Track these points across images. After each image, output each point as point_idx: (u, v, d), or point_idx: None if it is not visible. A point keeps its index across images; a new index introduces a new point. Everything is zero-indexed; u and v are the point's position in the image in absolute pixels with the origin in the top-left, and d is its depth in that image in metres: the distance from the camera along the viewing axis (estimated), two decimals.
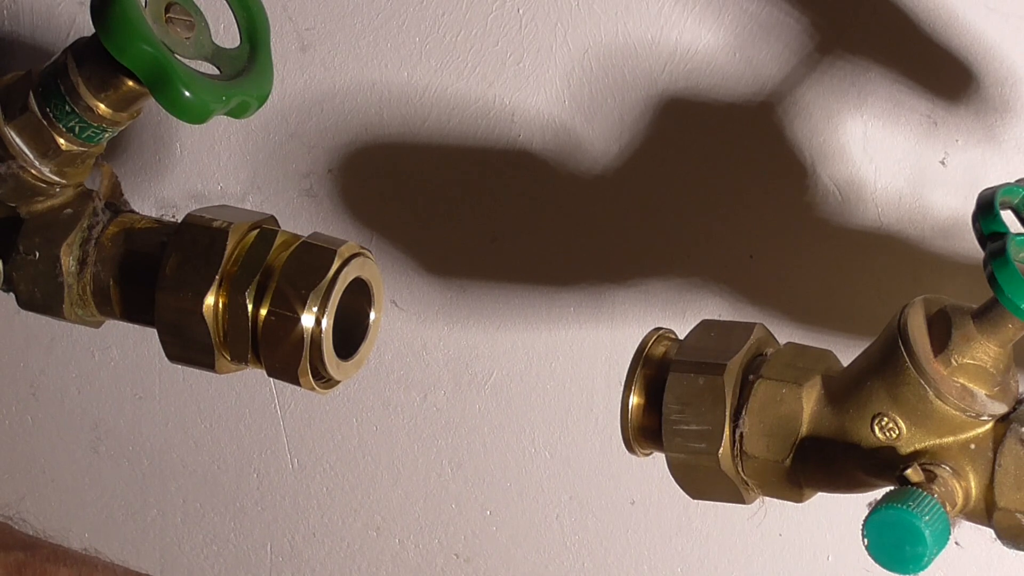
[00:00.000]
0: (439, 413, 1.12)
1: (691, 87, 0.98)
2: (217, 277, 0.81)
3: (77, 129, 0.81)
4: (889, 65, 0.92)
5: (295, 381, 0.82)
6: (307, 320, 0.80)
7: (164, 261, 0.82)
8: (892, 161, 0.94)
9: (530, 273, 1.06)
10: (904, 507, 0.66)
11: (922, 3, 0.90)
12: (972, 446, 0.71)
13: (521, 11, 1.01)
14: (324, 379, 0.83)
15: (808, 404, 0.75)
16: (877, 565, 0.67)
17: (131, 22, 0.75)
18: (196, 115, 0.77)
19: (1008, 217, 0.71)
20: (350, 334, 0.84)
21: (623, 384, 0.78)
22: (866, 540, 0.67)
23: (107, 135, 0.82)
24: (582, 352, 1.06)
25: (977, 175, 0.92)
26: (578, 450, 1.09)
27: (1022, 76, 0.90)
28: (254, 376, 1.16)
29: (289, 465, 1.19)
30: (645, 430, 0.79)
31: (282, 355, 0.81)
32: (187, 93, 0.76)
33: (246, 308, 0.81)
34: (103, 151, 0.85)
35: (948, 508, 0.69)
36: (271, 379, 0.93)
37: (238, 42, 0.82)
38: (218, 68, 0.80)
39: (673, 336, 0.80)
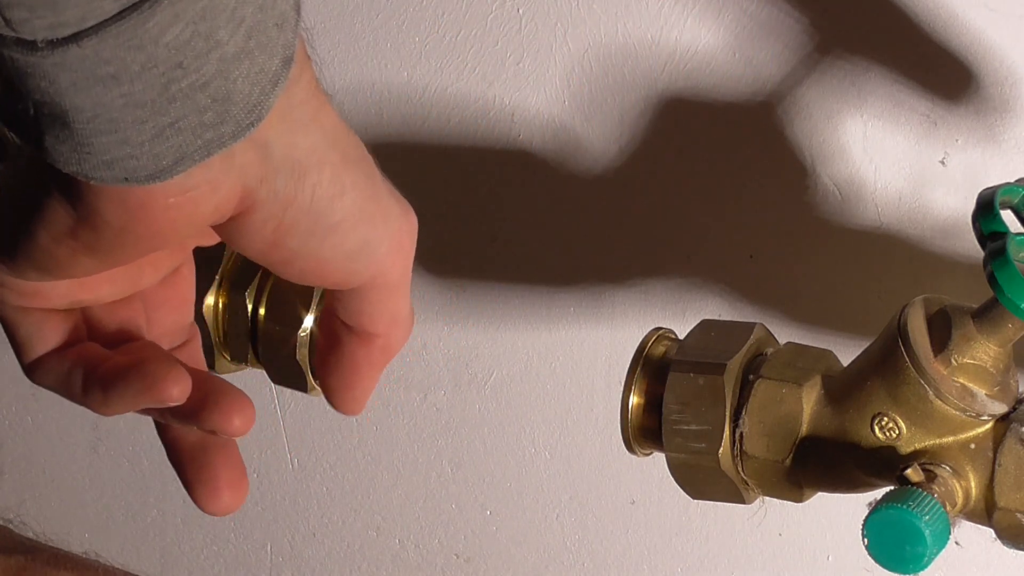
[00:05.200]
0: (439, 413, 1.12)
1: (691, 87, 0.98)
2: (217, 277, 0.81)
3: None
4: (889, 65, 0.92)
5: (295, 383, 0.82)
6: (307, 320, 0.80)
7: None
8: (892, 161, 0.94)
9: (530, 273, 1.06)
10: (904, 507, 0.66)
11: (922, 3, 0.90)
12: (972, 446, 0.71)
13: (521, 11, 1.01)
14: None
15: (808, 404, 0.75)
16: (877, 565, 0.67)
17: None
18: None
19: (1008, 217, 0.71)
20: None
21: (623, 384, 0.78)
22: (866, 540, 0.67)
23: None
24: (582, 352, 1.06)
25: (977, 175, 0.92)
26: (578, 450, 1.09)
27: (1022, 76, 0.90)
28: (254, 376, 1.16)
29: (289, 465, 1.19)
30: (645, 430, 0.79)
31: (282, 356, 0.81)
32: None
33: (246, 308, 0.81)
34: None
35: (948, 508, 0.68)
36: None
37: None
38: None
39: (673, 336, 0.80)
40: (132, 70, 0.46)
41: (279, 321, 0.80)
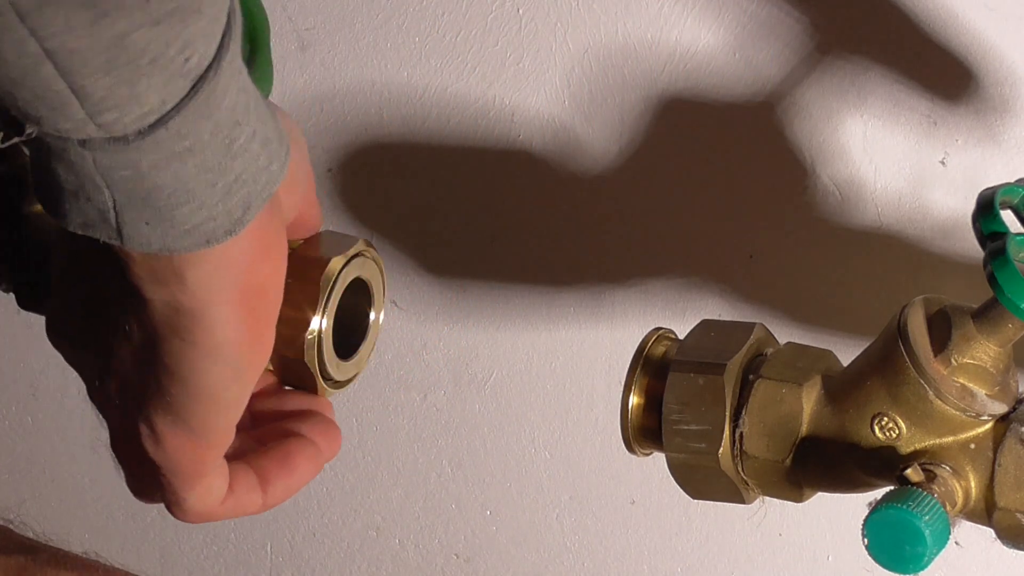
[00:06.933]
0: (439, 413, 1.12)
1: (691, 87, 0.98)
2: None
3: None
4: (889, 65, 0.92)
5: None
6: (314, 322, 0.80)
7: None
8: (892, 161, 0.94)
9: (530, 273, 1.06)
10: (904, 507, 0.66)
11: (922, 3, 0.90)
12: (972, 446, 0.71)
13: (521, 11, 1.01)
14: (330, 380, 0.82)
15: (808, 404, 0.75)
16: (877, 565, 0.67)
17: None
18: None
19: (1008, 217, 0.71)
20: (350, 334, 0.83)
21: (623, 384, 0.78)
22: (866, 540, 0.67)
23: None
24: (582, 352, 1.06)
25: (977, 175, 0.92)
26: (578, 450, 1.09)
27: (1022, 76, 0.90)
28: None
29: None
30: (645, 430, 0.78)
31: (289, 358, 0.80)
32: None
33: None
34: None
35: (948, 508, 0.69)
36: None
37: None
38: None
39: (673, 336, 0.80)
40: (203, 139, 0.48)
41: (286, 323, 0.80)
